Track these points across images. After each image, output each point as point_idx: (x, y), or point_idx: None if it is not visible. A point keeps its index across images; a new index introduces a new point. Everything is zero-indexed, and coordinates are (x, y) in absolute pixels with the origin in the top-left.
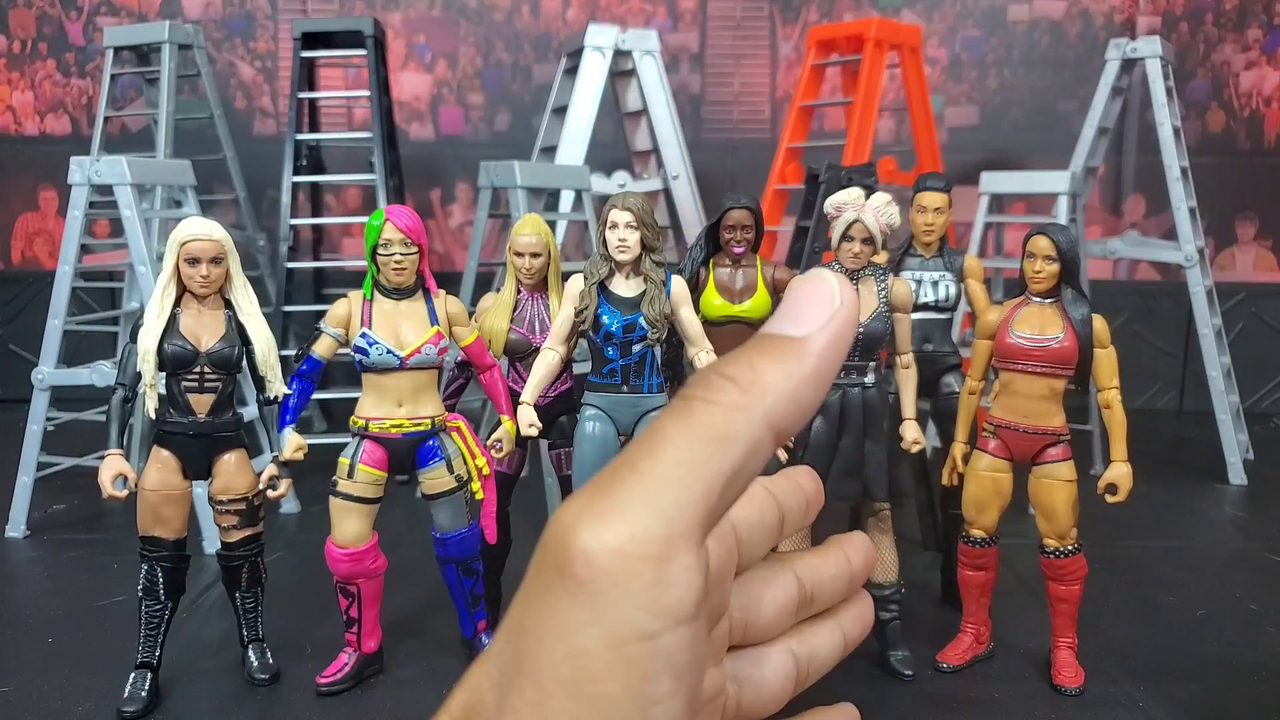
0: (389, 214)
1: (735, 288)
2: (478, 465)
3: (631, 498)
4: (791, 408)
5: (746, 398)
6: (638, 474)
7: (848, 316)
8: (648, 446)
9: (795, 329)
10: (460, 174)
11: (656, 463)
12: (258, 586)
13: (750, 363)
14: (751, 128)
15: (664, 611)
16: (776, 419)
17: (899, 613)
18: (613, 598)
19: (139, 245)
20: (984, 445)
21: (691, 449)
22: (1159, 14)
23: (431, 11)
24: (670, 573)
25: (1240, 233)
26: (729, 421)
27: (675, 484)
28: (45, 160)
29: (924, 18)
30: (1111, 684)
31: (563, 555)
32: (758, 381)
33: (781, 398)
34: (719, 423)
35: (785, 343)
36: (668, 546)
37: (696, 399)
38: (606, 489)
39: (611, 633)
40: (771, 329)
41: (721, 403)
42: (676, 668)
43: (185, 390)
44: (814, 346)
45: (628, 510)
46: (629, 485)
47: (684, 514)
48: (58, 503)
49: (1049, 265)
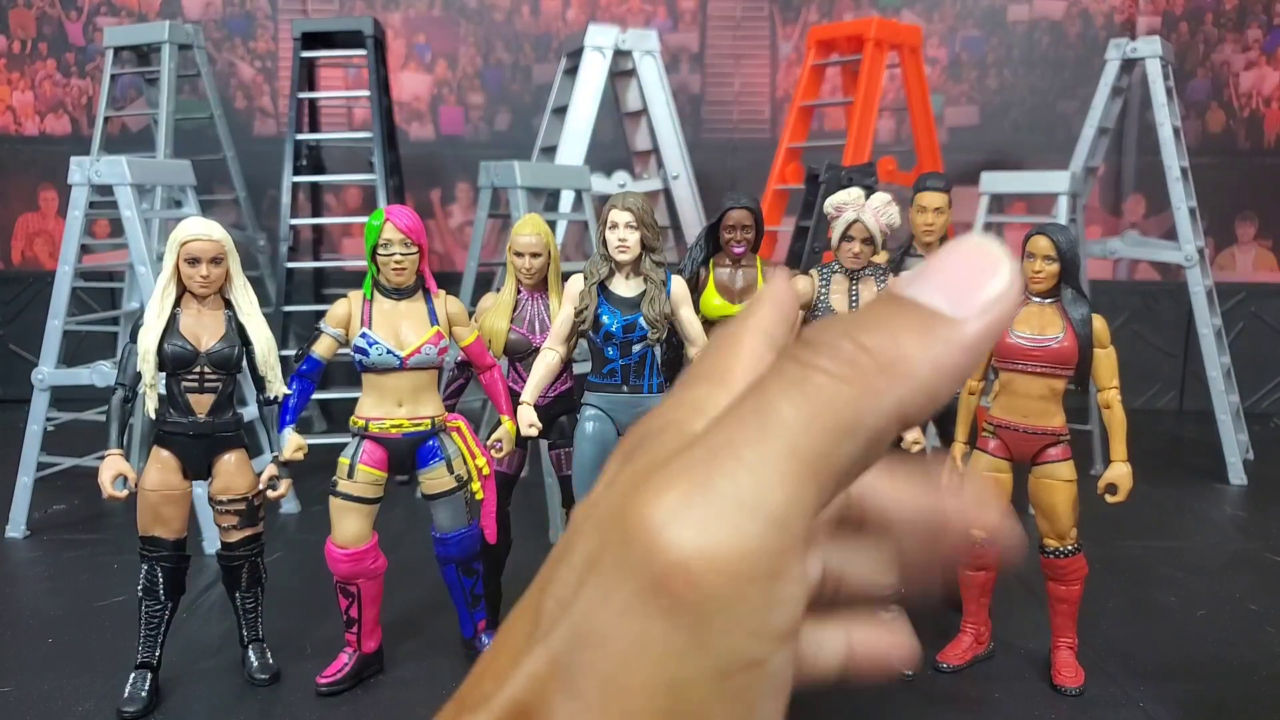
0: (389, 214)
1: (735, 288)
2: (478, 465)
3: (741, 497)
4: (925, 402)
5: (883, 380)
6: (745, 465)
7: (1013, 304)
8: (755, 426)
9: (950, 306)
10: (460, 174)
11: (768, 451)
12: (258, 586)
13: (894, 335)
14: (751, 128)
15: (773, 635)
16: (910, 412)
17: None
18: (721, 626)
19: (139, 245)
20: (984, 445)
21: (809, 437)
22: (1159, 14)
23: (431, 11)
24: (782, 592)
25: (1240, 233)
26: (859, 405)
27: (792, 481)
28: (45, 160)
29: (924, 18)
30: (1111, 684)
31: (657, 567)
32: (901, 362)
33: (921, 387)
34: (846, 406)
35: (938, 321)
36: (781, 561)
37: (820, 370)
38: (707, 481)
39: (719, 663)
40: (921, 295)
41: (853, 381)
42: (780, 689)
43: (185, 390)
44: (968, 335)
45: (736, 516)
46: (736, 480)
47: (799, 519)
48: (58, 503)
49: (1049, 265)
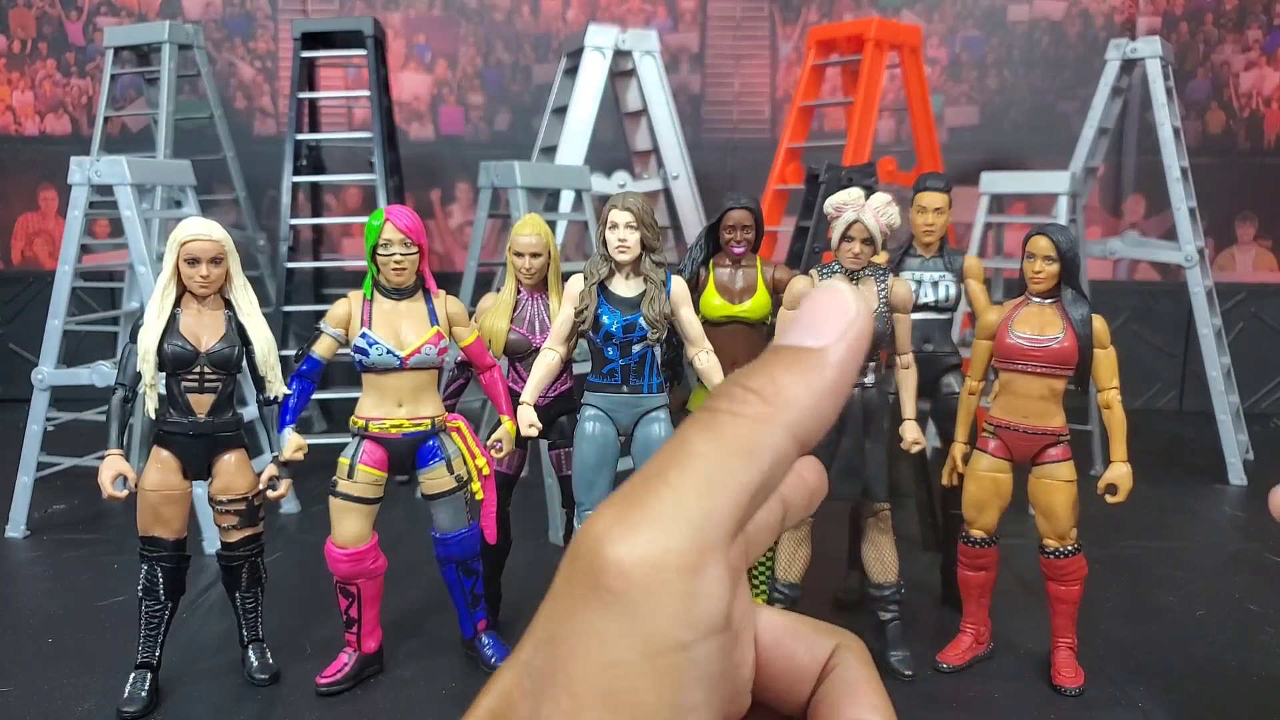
0: (389, 214)
1: (735, 288)
2: (478, 465)
3: (664, 510)
4: (812, 420)
5: (770, 409)
6: (669, 486)
7: (864, 327)
8: (676, 458)
9: (813, 340)
10: (460, 174)
11: (686, 475)
12: (258, 587)
13: (771, 375)
14: (751, 128)
15: (696, 622)
16: (800, 431)
17: (899, 613)
18: (647, 609)
19: (139, 245)
20: (984, 445)
21: (720, 462)
22: (1159, 14)
23: (431, 11)
24: (702, 584)
25: (1240, 233)
26: (755, 434)
27: (706, 496)
28: (45, 160)
29: (924, 18)
30: (1111, 684)
31: (596, 566)
32: (780, 394)
33: (804, 410)
34: (745, 435)
35: (804, 354)
36: (700, 558)
37: (722, 411)
38: (639, 500)
39: (647, 644)
40: (789, 341)
41: (747, 415)
42: (709, 678)
43: (185, 390)
44: (832, 358)
45: (661, 522)
46: (661, 497)
47: (714, 526)
48: (58, 503)
49: (1049, 265)
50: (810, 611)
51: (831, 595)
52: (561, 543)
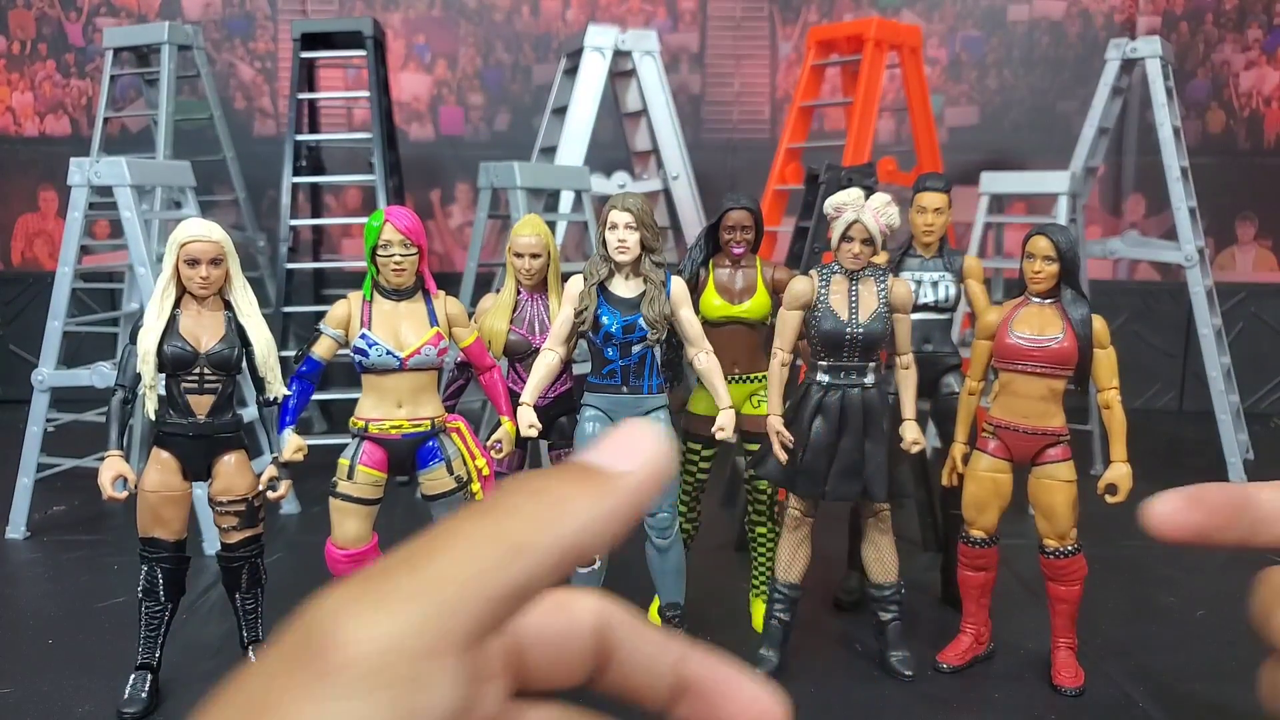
0: (388, 215)
1: (735, 288)
2: (478, 466)
3: (408, 591)
4: (588, 538)
5: (551, 514)
6: (414, 570)
7: (663, 468)
8: (434, 542)
9: (615, 463)
10: (460, 174)
11: (438, 560)
12: (258, 588)
13: (565, 483)
14: (751, 128)
15: (413, 713)
16: (571, 546)
17: (899, 613)
18: (363, 690)
19: (139, 246)
20: (984, 446)
21: (484, 553)
22: (1159, 14)
23: (431, 12)
24: (429, 675)
25: (1240, 233)
26: (527, 533)
27: (454, 585)
28: (45, 161)
29: (924, 18)
30: (1111, 684)
31: (319, 638)
32: (565, 504)
33: (582, 526)
34: (517, 532)
35: (601, 475)
36: (432, 647)
37: (500, 506)
38: (380, 579)
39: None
40: (591, 459)
41: (525, 515)
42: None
43: (185, 391)
44: (629, 481)
45: (395, 604)
46: (401, 579)
47: (457, 617)
48: (58, 504)
49: (1049, 265)
50: (810, 611)
51: (831, 595)
52: None
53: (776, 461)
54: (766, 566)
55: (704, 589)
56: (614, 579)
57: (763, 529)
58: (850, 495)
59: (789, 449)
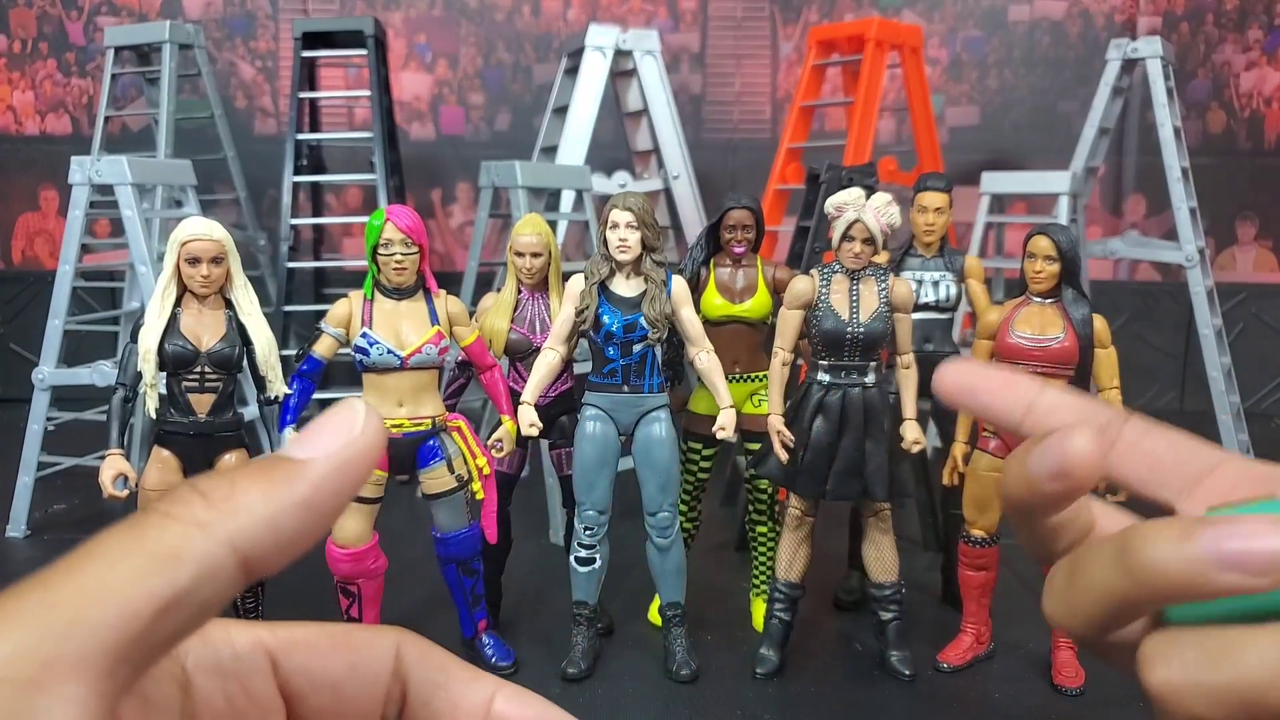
0: (389, 214)
1: (736, 288)
2: (478, 465)
3: (23, 610)
4: (267, 534)
5: (211, 514)
6: (42, 587)
7: (364, 449)
8: (71, 558)
9: (300, 452)
10: (461, 174)
11: (70, 576)
12: (258, 586)
13: (231, 479)
14: (752, 128)
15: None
16: (243, 543)
17: (899, 613)
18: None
19: (139, 245)
20: (984, 445)
21: (122, 565)
22: (1159, 14)
23: (432, 11)
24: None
25: (1240, 233)
26: (182, 538)
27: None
28: (46, 160)
29: (925, 18)
30: (1111, 684)
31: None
32: (231, 499)
33: (257, 521)
34: (168, 539)
35: (280, 464)
36: (44, 672)
37: (155, 512)
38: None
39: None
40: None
41: (179, 517)
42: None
43: (186, 390)
44: (311, 473)
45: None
46: (24, 596)
47: (82, 637)
48: (58, 503)
49: (1049, 265)
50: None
51: (831, 595)
52: (562, 543)
53: (777, 461)
54: (767, 566)
55: (704, 589)
56: (614, 579)
57: (763, 528)
58: (851, 495)
59: (789, 448)
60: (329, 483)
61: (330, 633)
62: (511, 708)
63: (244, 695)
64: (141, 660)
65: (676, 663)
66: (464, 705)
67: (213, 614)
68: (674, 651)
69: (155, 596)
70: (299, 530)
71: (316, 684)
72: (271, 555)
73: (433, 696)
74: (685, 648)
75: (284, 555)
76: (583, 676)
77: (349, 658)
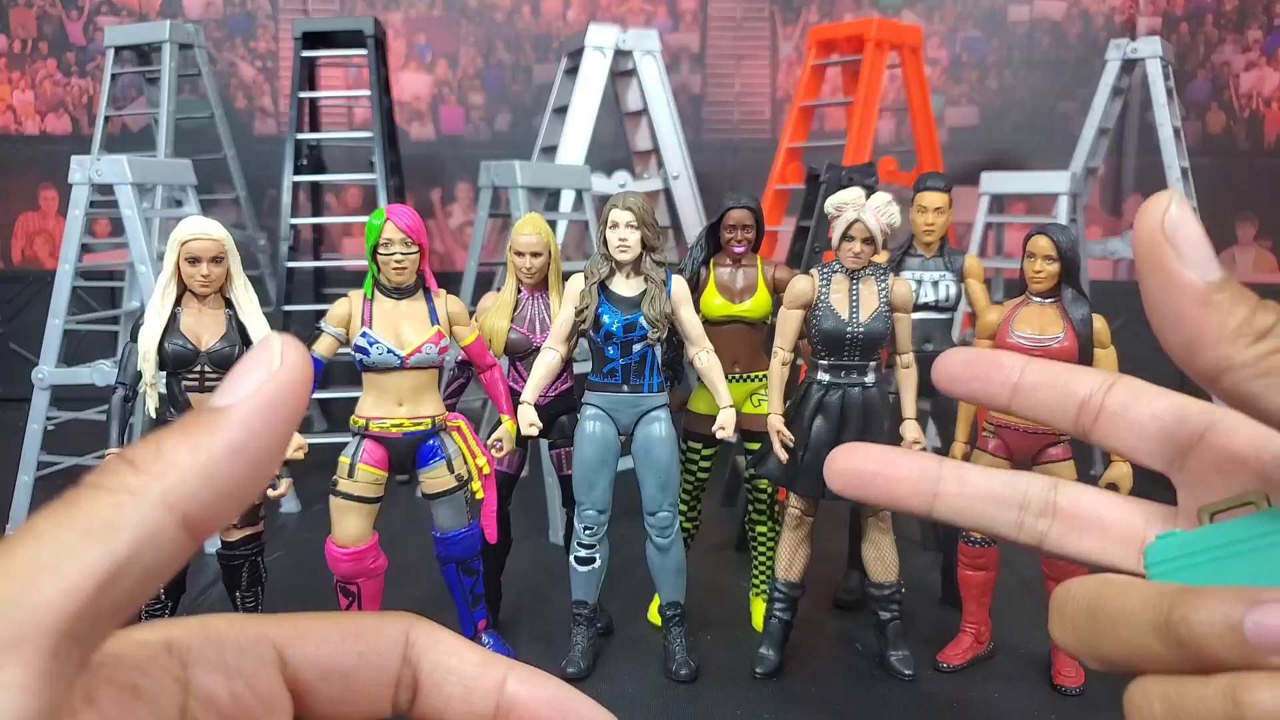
0: (389, 213)
1: (736, 287)
2: (478, 465)
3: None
4: (202, 485)
5: (141, 479)
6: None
7: (286, 381)
8: (3, 542)
9: (222, 399)
10: (461, 174)
11: (3, 560)
12: (258, 586)
13: (156, 441)
14: (752, 128)
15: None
16: (179, 500)
17: (899, 613)
18: None
19: (139, 245)
20: (984, 445)
21: (55, 541)
22: (1159, 15)
23: (432, 11)
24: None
25: (1240, 233)
26: (115, 508)
27: (13, 584)
28: (46, 159)
29: (924, 18)
30: (1111, 684)
31: None
32: (160, 460)
33: (189, 475)
34: (101, 510)
35: (202, 415)
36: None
37: (85, 486)
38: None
39: None
40: (206, 403)
41: (110, 487)
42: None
43: (186, 389)
44: (235, 416)
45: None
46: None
47: (18, 618)
48: None
49: (1049, 265)
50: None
51: (831, 595)
52: (562, 542)
53: (777, 461)
54: (766, 566)
55: (704, 588)
56: (614, 579)
57: (763, 528)
58: None
59: (789, 448)
60: (256, 422)
61: (338, 622)
62: (525, 689)
63: (248, 691)
64: (89, 636)
65: (676, 662)
66: (477, 688)
67: (161, 579)
68: (673, 651)
69: (93, 569)
70: (236, 477)
71: (326, 674)
72: (213, 507)
73: (445, 680)
74: (685, 647)
75: (227, 505)
76: (582, 676)
77: (358, 646)
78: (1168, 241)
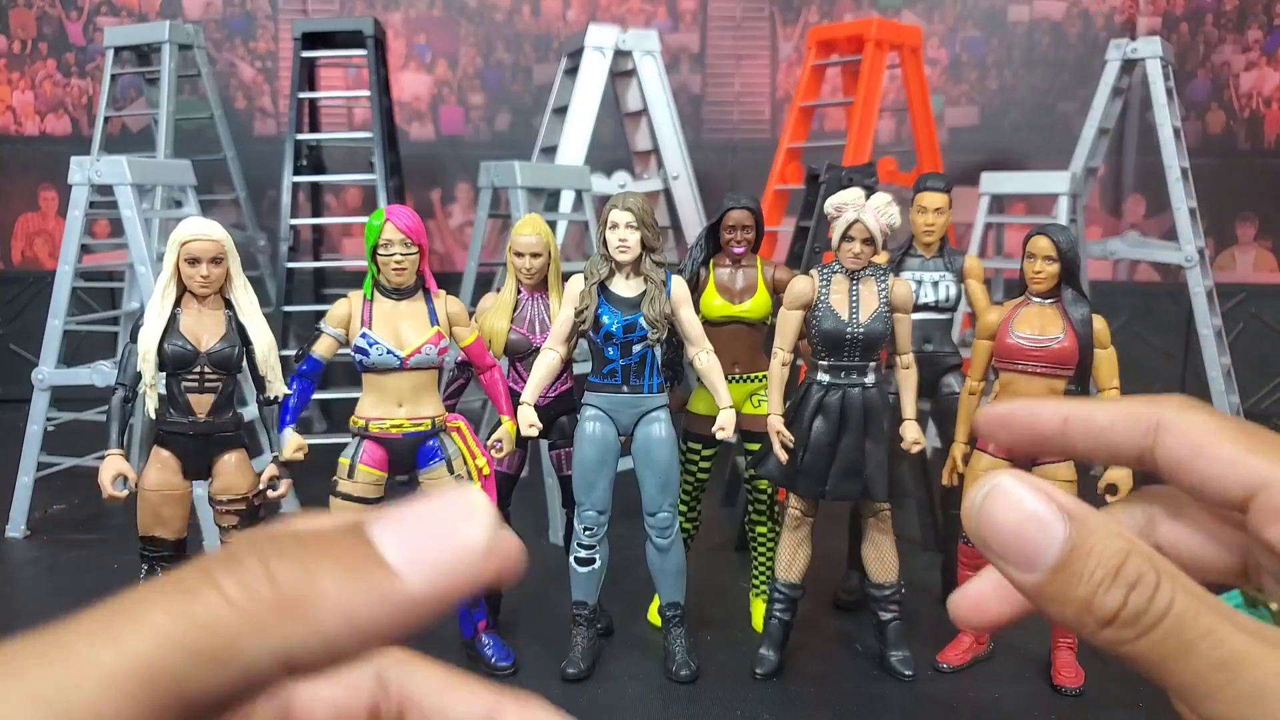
0: (389, 214)
1: (735, 288)
2: (478, 465)
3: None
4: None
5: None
6: (68, 656)
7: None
8: (110, 620)
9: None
10: (460, 174)
11: (107, 650)
12: None
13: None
14: (751, 128)
15: None
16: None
17: (899, 613)
18: None
19: (139, 245)
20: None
21: (167, 650)
22: (1159, 14)
23: (432, 12)
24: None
25: (1240, 233)
26: (239, 637)
27: (113, 689)
28: (45, 160)
29: (924, 18)
30: (1111, 684)
31: None
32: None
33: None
34: (225, 633)
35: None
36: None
37: (216, 586)
38: (16, 666)
39: None
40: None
41: (243, 609)
42: None
43: (185, 390)
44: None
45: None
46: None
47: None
48: (58, 503)
49: (1049, 265)
50: (810, 611)
51: (831, 595)
52: (562, 542)
53: (777, 461)
54: (766, 566)
55: (704, 589)
56: (614, 579)
57: (763, 529)
58: (850, 495)
59: (789, 448)
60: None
61: None
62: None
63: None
64: None
65: (676, 663)
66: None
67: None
68: (674, 652)
69: (193, 695)
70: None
71: (318, 707)
72: (318, 665)
73: (431, 717)
74: (685, 648)
75: (332, 664)
76: (582, 677)
77: (345, 679)
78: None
